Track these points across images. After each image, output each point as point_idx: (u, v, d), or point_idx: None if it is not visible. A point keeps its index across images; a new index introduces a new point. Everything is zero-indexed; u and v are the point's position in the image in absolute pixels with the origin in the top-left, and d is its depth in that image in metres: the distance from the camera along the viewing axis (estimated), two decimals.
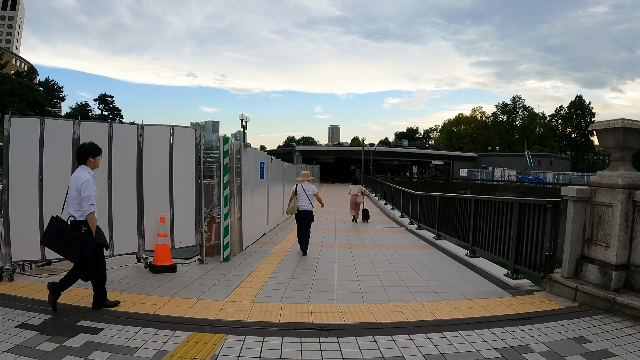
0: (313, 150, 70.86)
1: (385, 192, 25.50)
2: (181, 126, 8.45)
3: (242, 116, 30.34)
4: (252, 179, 10.84)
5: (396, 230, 15.30)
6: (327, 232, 13.84)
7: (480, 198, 9.44)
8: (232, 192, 9.25)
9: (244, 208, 9.98)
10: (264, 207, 12.79)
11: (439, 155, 73.78)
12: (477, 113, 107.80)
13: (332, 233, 13.73)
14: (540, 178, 55.04)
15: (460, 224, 10.44)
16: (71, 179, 5.16)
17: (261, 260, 8.97)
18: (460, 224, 10.49)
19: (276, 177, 15.31)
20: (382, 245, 11.32)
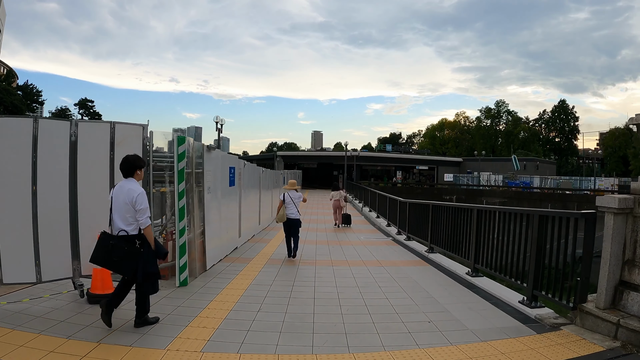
0: (295, 156, 69.20)
1: (369, 199, 24.11)
2: (125, 123, 6.98)
3: (217, 119, 28.64)
4: (218, 187, 9.38)
5: (383, 241, 13.90)
6: (306, 245, 12.38)
7: (485, 208, 8.07)
8: (192, 202, 7.78)
9: (208, 220, 8.52)
10: (235, 218, 11.30)
11: (424, 160, 72.77)
12: (460, 118, 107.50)
13: (312, 246, 12.27)
14: (527, 182, 54.27)
15: (459, 237, 9.10)
16: (118, 193, 5.06)
17: (226, 284, 7.49)
18: (458, 238, 9.15)
19: (251, 183, 13.83)
20: (368, 262, 9.90)
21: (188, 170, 7.70)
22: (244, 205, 12.36)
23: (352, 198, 34.37)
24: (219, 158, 9.53)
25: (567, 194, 44.56)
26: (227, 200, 10.18)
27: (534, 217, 6.17)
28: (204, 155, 8.36)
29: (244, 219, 12.27)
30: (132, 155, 5.28)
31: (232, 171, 10.70)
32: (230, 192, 10.65)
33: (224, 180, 9.89)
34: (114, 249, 4.87)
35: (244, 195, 12.37)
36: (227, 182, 10.20)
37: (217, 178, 9.24)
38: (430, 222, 11.03)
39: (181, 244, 7.24)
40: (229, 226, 10.50)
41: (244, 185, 12.42)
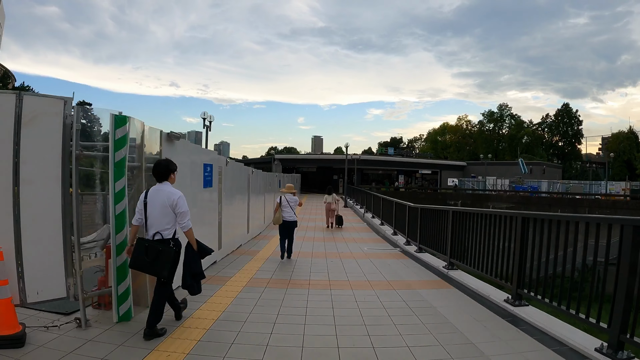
0: (293, 159, 66.60)
1: (372, 204, 22.07)
2: (39, 95, 5.02)
3: (204, 114, 26.53)
4: (187, 188, 7.39)
5: (390, 253, 11.89)
6: (300, 258, 10.43)
7: (534, 215, 6.06)
8: None
9: None
10: (212, 227, 9.33)
11: (426, 164, 70.52)
12: (462, 122, 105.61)
13: (307, 260, 10.28)
14: (535, 187, 52.19)
15: (492, 252, 7.08)
16: (154, 196, 5.03)
17: (184, 320, 5.50)
18: (491, 253, 7.14)
19: (237, 186, 11.84)
20: (376, 284, 7.89)
21: (134, 164, 5.72)
22: (226, 211, 10.39)
23: (353, 203, 32.39)
24: (187, 152, 7.55)
25: (577, 198, 42.58)
26: (199, 204, 8.22)
27: (627, 230, 4.18)
28: (162, 146, 6.38)
29: (226, 227, 10.30)
30: (164, 160, 5.36)
31: (208, 169, 8.72)
32: (205, 195, 8.69)
33: (195, 180, 7.92)
34: (148, 252, 4.87)
35: (226, 200, 10.39)
36: (200, 182, 8.23)
37: (184, 177, 7.26)
38: (450, 231, 9.05)
39: (120, 264, 5.23)
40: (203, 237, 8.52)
41: (226, 187, 10.45)
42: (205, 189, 8.58)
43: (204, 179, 8.47)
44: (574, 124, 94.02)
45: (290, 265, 9.53)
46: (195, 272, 5.28)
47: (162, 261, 4.89)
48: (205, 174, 8.55)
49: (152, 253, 4.87)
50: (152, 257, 4.86)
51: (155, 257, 4.87)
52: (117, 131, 5.15)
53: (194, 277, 5.27)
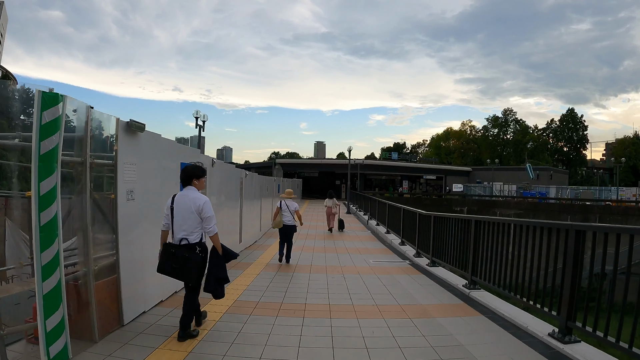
0: (295, 164, 65.02)
1: (377, 211, 20.64)
2: None
3: (197, 113, 24.98)
4: (157, 192, 6.10)
5: (399, 267, 10.54)
6: (297, 274, 9.13)
7: (594, 227, 4.72)
8: (87, 215, 4.49)
9: (128, 245, 5.23)
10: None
11: (431, 169, 68.78)
12: (466, 127, 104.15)
13: (305, 275, 8.97)
14: (543, 193, 50.65)
15: (531, 272, 5.73)
16: (180, 201, 5.06)
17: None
18: (528, 273, 5.80)
19: (226, 190, 10.51)
20: (385, 309, 6.51)
21: (74, 159, 4.41)
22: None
23: (356, 209, 31.03)
24: (156, 148, 6.21)
25: (587, 205, 41.11)
26: None
27: None
28: (119, 139, 5.05)
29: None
30: (191, 165, 5.41)
31: None
32: None
33: (166, 181, 6.59)
34: (175, 257, 4.87)
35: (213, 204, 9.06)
36: (174, 185, 6.89)
37: (150, 178, 5.96)
38: (471, 244, 7.70)
39: (47, 291, 3.90)
40: None
41: (213, 192, 9.12)
42: None
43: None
44: (579, 129, 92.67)
45: (285, 282, 8.20)
46: (220, 277, 5.24)
47: (190, 267, 4.88)
48: None
49: (179, 259, 4.86)
50: (179, 263, 4.86)
51: (182, 264, 4.86)
52: (44, 113, 3.83)
53: (218, 281, 5.23)
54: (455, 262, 8.61)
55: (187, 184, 5.21)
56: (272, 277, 8.63)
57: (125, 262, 5.20)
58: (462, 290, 7.78)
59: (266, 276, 8.72)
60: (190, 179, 5.19)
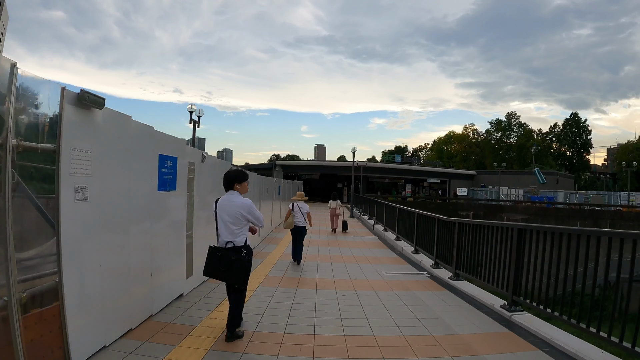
0: (296, 166, 63.29)
1: (385, 216, 19.16)
2: None
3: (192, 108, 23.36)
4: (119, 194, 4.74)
5: (417, 280, 9.19)
6: (301, 289, 7.73)
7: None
8: (4, 218, 3.14)
9: (74, 262, 3.89)
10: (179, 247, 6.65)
11: (435, 172, 67.10)
12: (469, 130, 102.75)
13: (310, 293, 7.59)
14: (551, 197, 49.18)
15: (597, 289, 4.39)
16: (224, 206, 5.22)
17: None
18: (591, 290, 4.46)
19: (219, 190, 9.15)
20: (416, 341, 5.11)
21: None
22: (201, 226, 7.72)
23: (360, 213, 29.64)
24: (123, 131, 4.83)
25: (597, 210, 39.69)
26: (151, 215, 5.54)
27: None
28: (64, 115, 3.69)
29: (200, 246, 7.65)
30: (231, 170, 5.55)
31: (167, 164, 6.04)
32: (163, 201, 5.99)
33: (140, 179, 5.23)
34: (222, 260, 4.96)
35: (201, 209, 7.71)
36: (151, 182, 5.55)
37: (114, 172, 4.60)
38: (512, 258, 6.36)
39: None
40: (160, 262, 5.86)
41: (202, 192, 7.80)
42: (162, 192, 5.88)
43: (159, 177, 5.78)
44: (583, 133, 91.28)
45: (287, 301, 6.84)
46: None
47: (238, 269, 4.97)
48: (162, 171, 5.86)
49: (226, 262, 4.94)
50: (226, 266, 4.94)
51: (229, 266, 4.93)
52: None
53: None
54: (489, 278, 7.23)
55: (229, 189, 5.36)
56: (272, 295, 7.25)
57: (72, 284, 3.83)
58: (500, 312, 6.45)
59: (265, 293, 7.36)
60: (232, 184, 5.34)
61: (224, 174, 5.47)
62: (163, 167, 5.91)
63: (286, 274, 9.22)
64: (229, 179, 5.36)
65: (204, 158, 7.71)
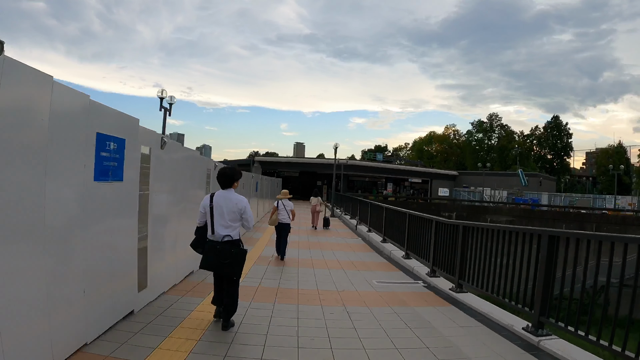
0: (275, 162, 61.46)
1: (369, 216, 17.79)
2: None
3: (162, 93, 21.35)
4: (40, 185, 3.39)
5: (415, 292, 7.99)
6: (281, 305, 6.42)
7: None
8: None
9: None
10: (127, 253, 5.28)
11: (417, 172, 66.31)
12: (450, 131, 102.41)
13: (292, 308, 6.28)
14: (535, 199, 48.64)
15: None
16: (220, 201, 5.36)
17: None
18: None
19: (184, 185, 7.79)
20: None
21: None
22: (161, 225, 6.39)
23: (341, 212, 28.41)
24: (41, 99, 3.45)
25: (583, 213, 39.18)
26: (86, 211, 4.18)
27: None
28: None
29: (159, 250, 6.33)
30: (229, 169, 5.75)
31: (110, 147, 4.65)
32: (103, 193, 4.62)
33: (68, 162, 3.87)
34: (222, 253, 5.11)
35: (161, 206, 6.36)
36: (83, 168, 4.17)
37: (25, 154, 3.23)
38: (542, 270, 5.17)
39: None
40: (98, 274, 4.52)
41: (162, 186, 6.46)
42: (100, 183, 4.50)
43: (97, 163, 4.40)
44: (564, 136, 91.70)
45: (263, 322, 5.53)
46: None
47: (238, 261, 5.22)
48: (101, 155, 4.48)
49: (226, 255, 5.12)
50: (226, 259, 5.12)
51: (230, 259, 5.13)
52: None
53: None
54: (507, 293, 6.03)
55: (227, 186, 5.50)
56: (245, 312, 5.92)
57: None
58: (524, 337, 5.27)
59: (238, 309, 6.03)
60: (231, 182, 5.53)
61: (220, 171, 5.62)
62: (103, 150, 4.52)
63: (263, 283, 7.90)
64: (228, 176, 5.52)
65: (164, 143, 6.31)
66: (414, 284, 8.62)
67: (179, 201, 7.36)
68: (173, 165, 6.97)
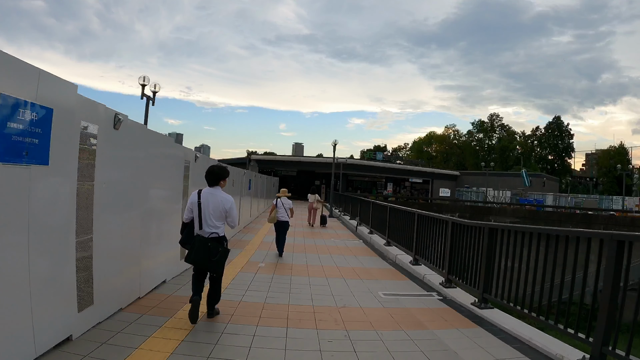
0: (272, 161, 59.57)
1: (371, 216, 16.35)
2: None
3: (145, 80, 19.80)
4: None
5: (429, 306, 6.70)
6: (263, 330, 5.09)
7: None
8: None
9: None
10: (54, 264, 3.94)
11: (418, 171, 64.73)
12: (450, 131, 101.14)
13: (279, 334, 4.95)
14: (540, 200, 47.30)
15: None
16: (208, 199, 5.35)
17: None
18: None
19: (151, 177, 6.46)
20: None
21: None
22: (106, 225, 5.10)
23: (340, 213, 27.08)
24: None
25: (590, 214, 37.86)
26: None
27: None
28: None
29: (110, 258, 5.11)
30: (217, 167, 5.70)
31: (19, 115, 3.31)
32: (10, 181, 3.29)
33: None
34: (212, 251, 5.15)
35: (108, 199, 5.06)
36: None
37: None
38: (608, 283, 3.86)
39: None
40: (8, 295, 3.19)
41: (116, 176, 5.19)
42: (8, 165, 3.18)
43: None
44: (565, 137, 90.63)
45: (240, 354, 4.19)
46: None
47: (222, 259, 5.28)
48: (8, 126, 3.16)
49: (214, 252, 5.16)
50: (214, 257, 5.15)
51: (218, 256, 5.19)
52: None
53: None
54: (549, 313, 4.72)
55: (214, 184, 5.51)
56: (218, 338, 4.58)
57: None
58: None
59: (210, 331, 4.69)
60: (218, 181, 5.53)
61: (209, 169, 5.59)
62: (11, 119, 3.20)
63: (246, 296, 6.56)
64: (215, 174, 5.52)
65: (119, 121, 4.93)
66: (428, 297, 7.29)
67: (143, 198, 6.01)
68: (134, 151, 5.63)
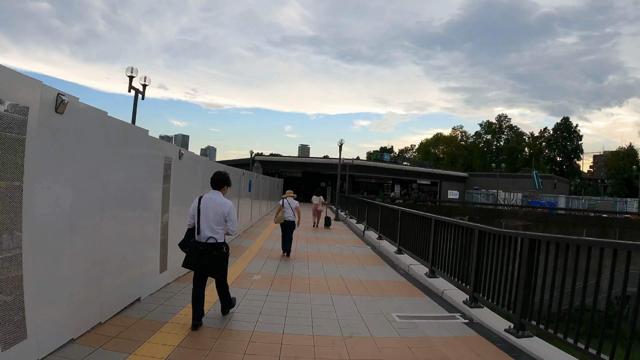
0: (276, 162, 57.69)
1: (380, 221, 15.09)
2: None
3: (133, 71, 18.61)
4: None
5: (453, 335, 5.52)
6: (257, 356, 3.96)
7: None
8: None
9: None
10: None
11: (425, 173, 63.24)
12: (457, 133, 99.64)
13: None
14: (552, 202, 45.81)
15: None
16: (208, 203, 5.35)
17: None
18: None
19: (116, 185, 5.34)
20: None
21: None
22: (45, 236, 3.96)
23: (347, 215, 25.91)
24: None
25: (604, 217, 36.44)
26: None
27: None
28: None
29: (43, 282, 3.88)
30: (224, 172, 5.74)
31: None
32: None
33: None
34: (204, 254, 5.16)
35: (48, 204, 3.93)
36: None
37: None
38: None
39: None
40: None
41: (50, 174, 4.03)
42: None
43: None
44: (574, 138, 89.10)
45: None
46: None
47: (218, 263, 5.28)
48: None
49: (208, 257, 5.17)
50: (209, 260, 5.16)
51: (211, 261, 5.17)
52: None
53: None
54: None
55: (217, 188, 5.53)
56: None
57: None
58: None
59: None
60: (222, 186, 5.55)
61: (215, 174, 5.58)
62: None
63: (231, 323, 5.41)
64: (220, 180, 5.54)
65: (62, 104, 3.77)
66: (451, 320, 6.12)
67: (105, 203, 4.88)
68: (89, 144, 4.49)
